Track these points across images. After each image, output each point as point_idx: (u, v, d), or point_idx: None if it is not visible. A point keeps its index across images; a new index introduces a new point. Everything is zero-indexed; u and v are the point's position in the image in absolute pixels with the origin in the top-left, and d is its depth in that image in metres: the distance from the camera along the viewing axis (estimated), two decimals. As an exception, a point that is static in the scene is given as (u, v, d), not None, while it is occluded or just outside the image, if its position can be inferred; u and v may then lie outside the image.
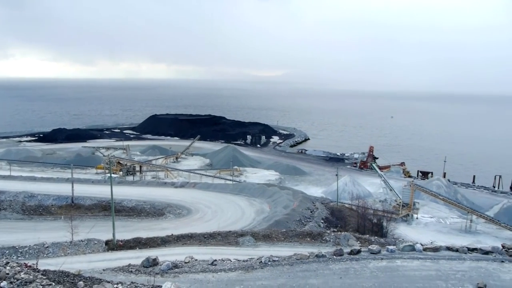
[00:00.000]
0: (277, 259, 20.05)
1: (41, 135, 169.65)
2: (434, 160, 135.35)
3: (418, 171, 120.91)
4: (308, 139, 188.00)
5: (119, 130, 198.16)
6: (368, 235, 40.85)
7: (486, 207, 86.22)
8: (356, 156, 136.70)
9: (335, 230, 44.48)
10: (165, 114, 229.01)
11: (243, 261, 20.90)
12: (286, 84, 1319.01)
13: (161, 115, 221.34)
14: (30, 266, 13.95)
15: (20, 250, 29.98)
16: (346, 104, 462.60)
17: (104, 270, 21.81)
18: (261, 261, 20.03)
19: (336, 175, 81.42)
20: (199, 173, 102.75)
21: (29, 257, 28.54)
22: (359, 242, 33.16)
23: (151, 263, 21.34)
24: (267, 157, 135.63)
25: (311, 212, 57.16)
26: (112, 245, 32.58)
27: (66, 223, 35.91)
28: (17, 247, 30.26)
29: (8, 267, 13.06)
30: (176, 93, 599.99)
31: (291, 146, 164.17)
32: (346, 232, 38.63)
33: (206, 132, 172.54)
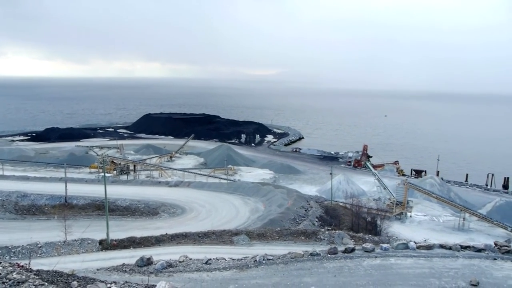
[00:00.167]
0: (272, 258, 20.07)
1: (34, 134, 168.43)
2: (428, 159, 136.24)
3: (412, 170, 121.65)
4: (303, 138, 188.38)
5: (113, 129, 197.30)
6: (362, 234, 41.02)
7: (479, 205, 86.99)
8: (350, 155, 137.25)
9: (330, 229, 44.64)
10: (159, 113, 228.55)
11: (238, 260, 20.90)
12: (281, 83, 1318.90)
13: (155, 114, 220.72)
14: (23, 266, 13.83)
15: (13, 250, 29.72)
16: (342, 103, 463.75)
17: (98, 270, 21.70)
18: (256, 260, 20.04)
19: (331, 174, 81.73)
20: (194, 172, 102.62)
21: (22, 257, 28.31)
22: (353, 241, 33.29)
23: (145, 263, 21.27)
24: (262, 156, 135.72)
25: (306, 211, 57.31)
26: (106, 245, 32.44)
27: (60, 223, 35.68)
28: (10, 247, 29.97)
29: (0, 267, 12.94)
30: (170, 92, 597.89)
31: (286, 145, 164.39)
32: (340, 231, 38.72)
33: (200, 131, 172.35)
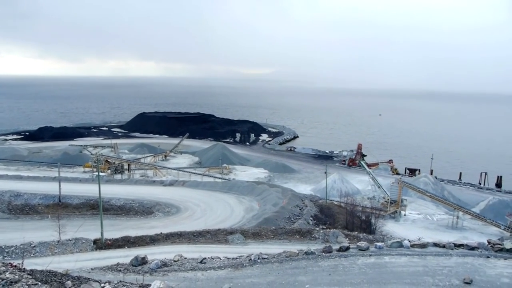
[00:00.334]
0: (267, 257, 20.08)
1: (27, 134, 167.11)
2: (422, 158, 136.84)
3: (406, 169, 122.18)
4: (297, 137, 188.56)
5: (107, 128, 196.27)
6: (357, 232, 41.19)
7: (472, 204, 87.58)
8: (345, 154, 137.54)
9: (324, 227, 44.78)
10: (154, 112, 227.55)
11: (233, 259, 20.89)
12: (276, 82, 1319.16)
13: (150, 113, 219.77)
14: (16, 266, 13.73)
15: (6, 250, 29.50)
16: (337, 103, 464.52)
17: (93, 270, 21.60)
18: (251, 259, 20.04)
19: (325, 173, 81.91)
20: (188, 171, 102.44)
21: (16, 257, 28.12)
22: (348, 239, 33.36)
23: (140, 262, 21.20)
24: (256, 155, 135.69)
25: (300, 210, 57.43)
26: (101, 244, 32.31)
27: (53, 222, 35.46)
28: (3, 247, 29.74)
29: (-7, 267, 12.84)
30: (165, 91, 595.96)
31: (280, 144, 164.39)
32: (335, 229, 38.85)
33: (195, 130, 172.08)
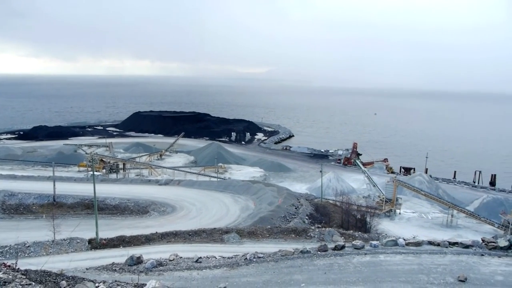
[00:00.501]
0: (262, 256, 20.06)
1: (22, 133, 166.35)
2: (417, 157, 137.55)
3: (401, 167, 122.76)
4: (293, 136, 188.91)
5: (102, 127, 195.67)
6: (352, 231, 41.36)
7: (467, 202, 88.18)
8: (340, 153, 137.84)
9: (320, 226, 44.86)
10: (149, 111, 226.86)
11: (228, 258, 20.86)
12: (271, 81, 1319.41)
13: (145, 112, 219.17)
14: (9, 266, 13.63)
15: (0, 250, 29.36)
16: (333, 102, 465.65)
17: (88, 269, 21.50)
18: (246, 258, 20.01)
19: (321, 172, 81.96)
20: (184, 171, 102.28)
21: (10, 257, 27.97)
22: (343, 238, 33.44)
23: (135, 261, 21.14)
24: (252, 154, 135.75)
25: (296, 209, 57.53)
26: (96, 244, 32.20)
27: (48, 222, 35.28)
28: (-3, 247, 29.63)
29: (-14, 267, 12.74)
30: (160, 90, 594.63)
31: (276, 143, 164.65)
32: (331, 228, 38.94)
33: (190, 129, 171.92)
